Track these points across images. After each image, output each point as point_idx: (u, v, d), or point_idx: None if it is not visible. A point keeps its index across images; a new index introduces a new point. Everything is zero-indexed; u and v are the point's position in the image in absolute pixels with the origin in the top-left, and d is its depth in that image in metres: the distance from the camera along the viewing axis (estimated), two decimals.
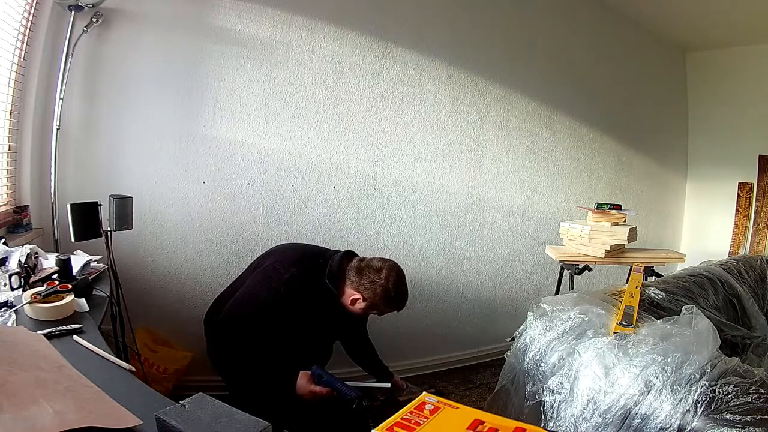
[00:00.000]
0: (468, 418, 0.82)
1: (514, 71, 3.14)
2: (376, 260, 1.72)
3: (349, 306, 1.70)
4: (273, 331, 1.59)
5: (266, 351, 1.57)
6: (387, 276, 1.66)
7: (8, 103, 2.03)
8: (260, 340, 1.56)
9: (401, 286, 1.70)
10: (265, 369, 1.56)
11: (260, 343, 1.56)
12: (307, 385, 1.52)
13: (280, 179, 2.59)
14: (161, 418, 0.78)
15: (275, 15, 2.50)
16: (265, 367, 1.56)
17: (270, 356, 1.57)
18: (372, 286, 1.65)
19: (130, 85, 2.32)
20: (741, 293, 2.25)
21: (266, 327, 1.58)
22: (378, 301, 1.67)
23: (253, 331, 1.56)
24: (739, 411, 1.20)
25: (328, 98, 2.65)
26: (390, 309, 1.73)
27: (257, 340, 1.56)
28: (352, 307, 1.69)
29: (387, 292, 1.66)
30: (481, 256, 3.16)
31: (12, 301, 1.35)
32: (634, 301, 1.74)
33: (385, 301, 1.68)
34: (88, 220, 1.83)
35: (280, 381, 1.55)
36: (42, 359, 0.94)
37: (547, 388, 1.55)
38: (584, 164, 3.49)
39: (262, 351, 1.56)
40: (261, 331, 1.57)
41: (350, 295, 1.68)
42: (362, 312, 1.72)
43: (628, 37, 3.63)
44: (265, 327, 1.58)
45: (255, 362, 1.56)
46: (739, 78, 3.67)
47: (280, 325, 1.60)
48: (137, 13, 2.28)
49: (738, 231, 3.72)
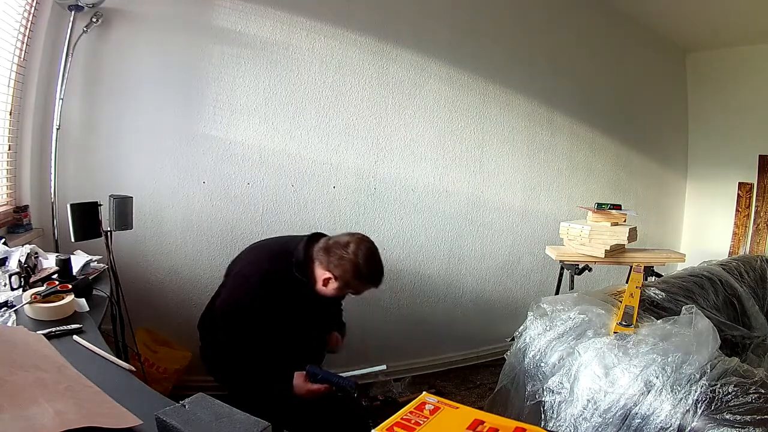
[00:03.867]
0: (468, 418, 0.82)
1: (514, 71, 3.14)
2: (344, 235, 1.59)
3: (322, 288, 1.58)
4: (260, 338, 1.53)
5: (257, 358, 1.52)
6: (355, 250, 1.53)
7: (8, 103, 2.03)
8: (249, 348, 1.51)
9: (372, 259, 1.57)
10: (259, 375, 1.52)
11: (250, 351, 1.51)
12: (304, 385, 1.49)
13: (280, 179, 2.59)
14: (161, 418, 0.78)
15: (275, 15, 2.50)
16: (260, 373, 1.52)
17: (262, 363, 1.52)
18: (341, 263, 1.52)
19: (130, 85, 2.32)
20: (741, 293, 2.25)
21: (252, 335, 1.52)
22: (350, 278, 1.54)
23: (240, 341, 1.51)
24: (739, 411, 1.20)
25: (328, 98, 2.65)
26: (365, 285, 1.60)
27: (246, 349, 1.51)
28: (325, 289, 1.57)
29: (357, 266, 1.53)
30: (481, 256, 3.16)
31: (12, 301, 1.35)
32: (634, 301, 1.74)
33: (357, 276, 1.54)
34: (88, 220, 1.83)
35: (276, 385, 1.51)
36: (42, 359, 0.94)
37: (547, 388, 1.55)
38: (584, 164, 3.49)
39: (253, 359, 1.51)
40: (248, 339, 1.51)
41: (321, 276, 1.56)
42: (337, 292, 1.59)
43: (628, 38, 3.63)
44: (251, 335, 1.52)
45: (249, 370, 1.52)
46: (739, 78, 3.66)
47: (265, 331, 1.54)
48: (137, 13, 2.28)
49: (738, 231, 3.72)
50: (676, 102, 3.98)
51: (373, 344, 2.80)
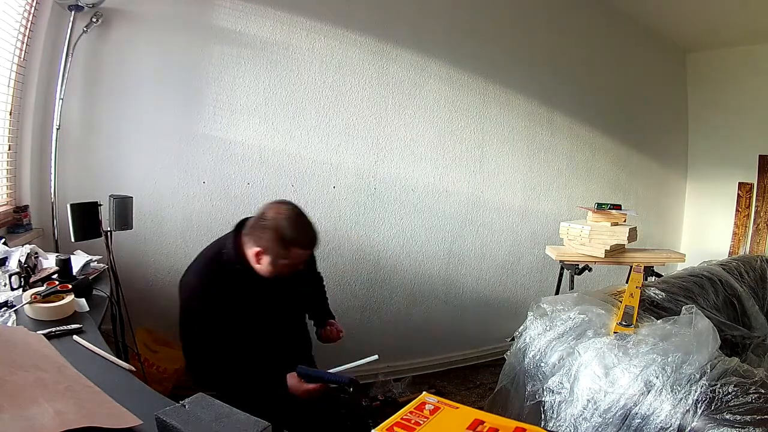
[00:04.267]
0: (468, 418, 0.82)
1: (514, 71, 3.14)
2: (263, 206, 1.51)
3: (258, 267, 1.48)
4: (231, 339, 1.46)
5: (240, 361, 1.46)
6: (275, 215, 1.45)
7: (8, 103, 2.03)
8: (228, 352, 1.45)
9: (294, 220, 1.47)
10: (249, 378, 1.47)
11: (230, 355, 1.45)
12: (300, 386, 1.45)
13: (280, 179, 2.59)
14: (161, 418, 0.78)
15: (275, 15, 2.50)
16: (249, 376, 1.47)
17: (247, 365, 1.47)
18: (264, 233, 1.44)
19: (130, 85, 2.32)
20: (741, 293, 2.25)
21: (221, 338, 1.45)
22: (278, 246, 1.43)
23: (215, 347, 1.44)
24: (739, 411, 1.20)
25: (328, 98, 2.65)
26: (293, 249, 1.46)
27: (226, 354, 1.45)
28: (261, 266, 1.47)
29: (279, 229, 1.43)
30: (481, 256, 3.16)
31: (12, 301, 1.35)
32: (634, 301, 1.74)
33: (282, 240, 1.43)
34: (88, 220, 1.83)
35: (270, 388, 1.47)
36: (42, 359, 0.94)
37: (547, 388, 1.55)
38: (584, 164, 3.49)
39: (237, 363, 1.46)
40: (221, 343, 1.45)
41: (252, 255, 1.47)
42: (273, 267, 1.47)
43: (628, 38, 3.63)
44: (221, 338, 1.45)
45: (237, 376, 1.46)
46: (739, 78, 3.66)
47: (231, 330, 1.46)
48: (137, 13, 2.28)
49: (738, 231, 3.72)
50: (676, 102, 3.98)
51: (373, 344, 2.79)
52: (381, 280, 2.87)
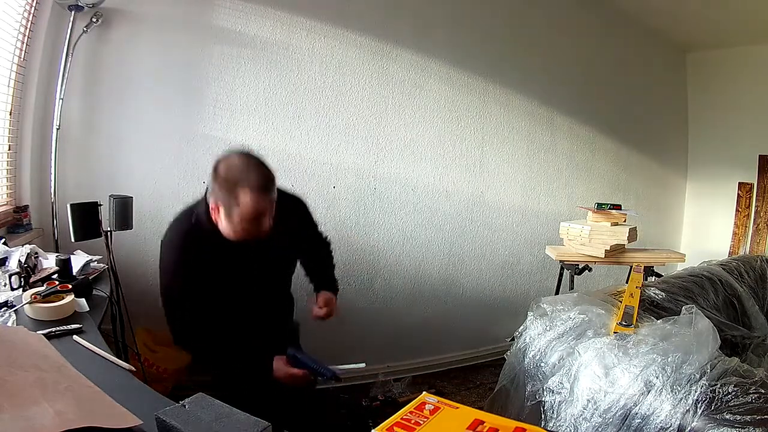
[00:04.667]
0: (468, 418, 0.82)
1: (514, 71, 3.14)
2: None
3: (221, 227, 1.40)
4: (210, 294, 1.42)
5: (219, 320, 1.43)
6: (216, 165, 1.36)
7: (8, 103, 2.03)
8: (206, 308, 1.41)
9: (241, 160, 1.37)
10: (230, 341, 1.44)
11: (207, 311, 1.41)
12: (284, 368, 1.42)
13: (280, 179, 2.53)
14: (161, 418, 0.78)
15: (275, 15, 2.50)
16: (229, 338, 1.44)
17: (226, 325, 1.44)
18: (215, 184, 1.35)
19: (130, 85, 2.32)
20: (741, 293, 2.25)
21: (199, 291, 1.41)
22: (224, 193, 1.33)
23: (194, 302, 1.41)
24: (739, 411, 1.20)
25: (328, 98, 2.65)
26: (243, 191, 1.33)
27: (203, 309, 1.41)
28: (222, 226, 1.39)
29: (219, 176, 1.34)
30: (481, 256, 3.16)
31: (12, 301, 1.35)
32: (634, 301, 1.74)
33: (227, 184, 1.33)
34: (88, 220, 1.83)
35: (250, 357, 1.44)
36: (42, 359, 0.94)
37: (547, 388, 1.55)
38: (584, 164, 3.49)
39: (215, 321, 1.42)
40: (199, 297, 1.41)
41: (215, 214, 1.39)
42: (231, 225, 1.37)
43: (628, 38, 3.63)
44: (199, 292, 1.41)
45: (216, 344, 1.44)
46: (739, 78, 3.66)
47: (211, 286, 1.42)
48: (137, 13, 2.28)
49: (738, 231, 3.72)
50: (676, 102, 3.98)
51: (373, 344, 2.80)
52: (381, 280, 2.87)
